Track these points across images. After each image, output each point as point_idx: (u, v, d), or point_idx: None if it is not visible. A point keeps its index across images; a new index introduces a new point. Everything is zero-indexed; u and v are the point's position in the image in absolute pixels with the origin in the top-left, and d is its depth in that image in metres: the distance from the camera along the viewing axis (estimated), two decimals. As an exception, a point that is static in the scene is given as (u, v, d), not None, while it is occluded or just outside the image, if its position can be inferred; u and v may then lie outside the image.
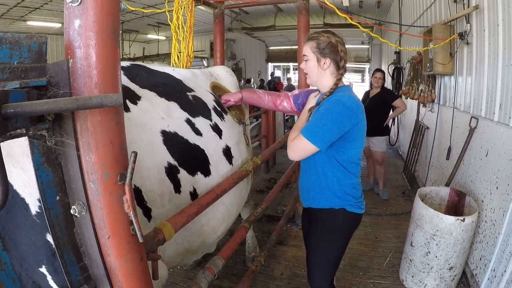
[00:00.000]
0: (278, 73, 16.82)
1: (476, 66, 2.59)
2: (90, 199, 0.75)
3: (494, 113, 2.26)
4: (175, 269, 2.72)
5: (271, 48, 13.69)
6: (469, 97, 2.73)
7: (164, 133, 1.25)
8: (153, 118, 1.24)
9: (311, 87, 1.86)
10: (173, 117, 1.34)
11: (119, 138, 0.76)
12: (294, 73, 19.94)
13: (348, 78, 18.71)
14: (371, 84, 4.19)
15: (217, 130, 1.59)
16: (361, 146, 1.49)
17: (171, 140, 1.27)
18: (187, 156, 1.33)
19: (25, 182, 0.82)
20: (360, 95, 3.42)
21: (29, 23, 9.13)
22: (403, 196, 4.24)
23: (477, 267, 2.31)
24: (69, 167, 0.75)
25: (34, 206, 0.82)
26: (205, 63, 11.79)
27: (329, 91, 1.46)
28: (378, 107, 3.95)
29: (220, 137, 1.60)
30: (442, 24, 3.03)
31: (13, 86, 0.67)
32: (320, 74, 1.48)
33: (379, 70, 4.19)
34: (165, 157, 1.22)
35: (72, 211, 0.75)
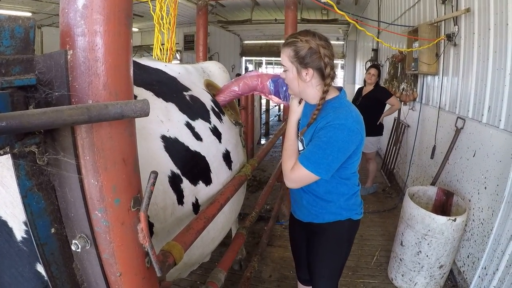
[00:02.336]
0: (250, 67, 16.63)
1: (463, 67, 2.62)
2: (96, 230, 0.58)
3: (482, 115, 2.29)
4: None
5: (245, 42, 13.49)
6: (455, 98, 2.76)
7: (164, 138, 1.09)
8: (151, 122, 1.07)
9: None
10: (172, 120, 1.17)
11: (133, 154, 0.61)
12: (266, 68, 19.96)
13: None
14: (364, 81, 4.00)
15: (216, 133, 1.44)
16: (361, 154, 1.37)
17: (172, 146, 1.11)
18: (189, 164, 1.18)
19: (6, 201, 0.64)
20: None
21: (-3, 11, 8.34)
22: (384, 193, 4.30)
23: (464, 264, 2.36)
24: (66, 191, 0.58)
25: (19, 230, 0.64)
26: (178, 56, 11.36)
27: (318, 106, 1.25)
28: (371, 105, 3.79)
29: (220, 141, 1.46)
30: (428, 25, 3.04)
31: (-9, 86, 0.49)
32: (302, 87, 1.26)
33: (374, 66, 3.96)
34: (168, 166, 1.06)
35: (73, 247, 0.58)
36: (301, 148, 1.36)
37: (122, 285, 0.62)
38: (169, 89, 1.30)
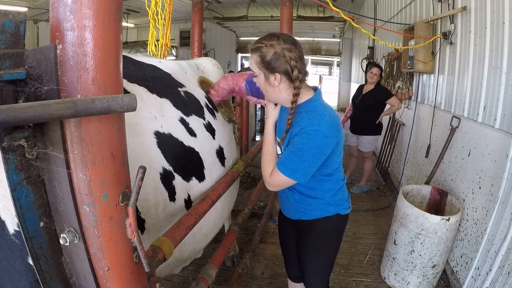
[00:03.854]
0: (246, 64, 16.57)
1: (459, 66, 2.63)
2: (84, 225, 0.59)
3: (478, 114, 2.29)
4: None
5: (241, 38, 13.47)
6: (451, 97, 2.77)
7: (157, 134, 1.09)
8: (145, 118, 1.07)
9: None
10: (166, 116, 1.17)
11: (121, 149, 0.61)
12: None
13: (316, 70, 18.86)
14: (366, 79, 3.96)
15: (210, 129, 1.45)
16: (342, 149, 1.38)
17: (165, 142, 1.11)
18: (182, 160, 1.18)
19: None
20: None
21: (-7, 6, 8.24)
22: (378, 191, 4.31)
23: (457, 264, 2.37)
24: (55, 185, 0.58)
25: (11, 223, 0.65)
26: (174, 52, 11.35)
27: (291, 110, 1.25)
28: (370, 105, 3.77)
29: (213, 137, 1.46)
30: (424, 23, 3.05)
31: (-21, 80, 0.49)
32: (273, 92, 1.25)
33: (376, 65, 3.90)
34: (160, 162, 1.07)
35: (61, 241, 0.58)
36: (279, 152, 1.37)
37: (110, 280, 0.62)
38: (163, 85, 1.31)
